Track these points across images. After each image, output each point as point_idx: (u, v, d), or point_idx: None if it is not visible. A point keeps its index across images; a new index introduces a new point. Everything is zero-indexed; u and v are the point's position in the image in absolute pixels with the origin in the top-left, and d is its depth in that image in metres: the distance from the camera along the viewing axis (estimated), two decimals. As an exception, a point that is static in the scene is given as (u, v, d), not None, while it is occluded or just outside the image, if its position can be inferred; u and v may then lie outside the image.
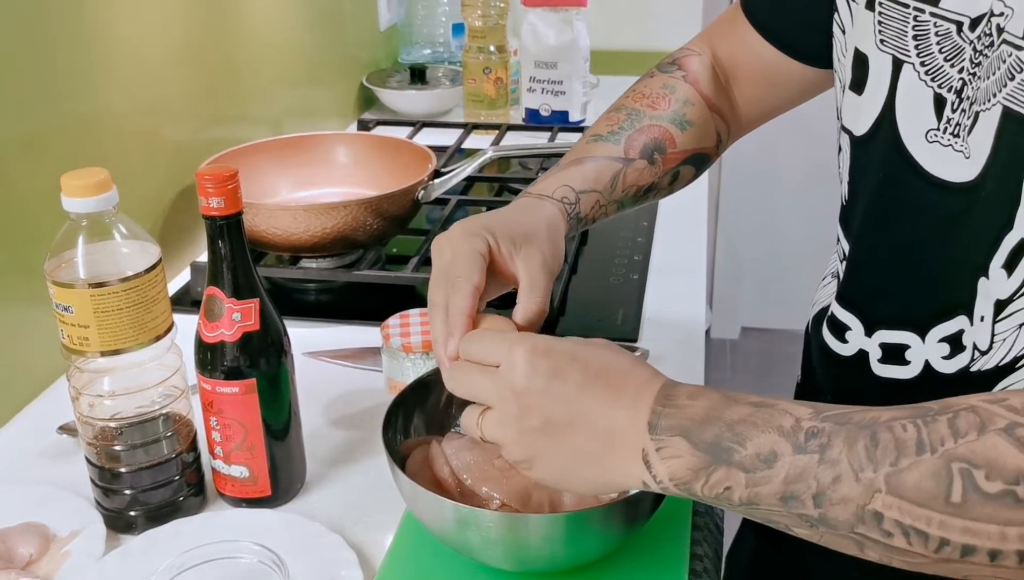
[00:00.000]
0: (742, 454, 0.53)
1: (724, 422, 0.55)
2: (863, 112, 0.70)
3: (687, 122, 0.84)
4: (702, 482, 0.55)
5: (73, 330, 0.72)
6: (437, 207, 1.33)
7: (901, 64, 0.65)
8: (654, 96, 0.85)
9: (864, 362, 0.73)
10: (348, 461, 0.87)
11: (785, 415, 0.53)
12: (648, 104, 0.84)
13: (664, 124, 0.84)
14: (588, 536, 0.67)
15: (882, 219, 0.70)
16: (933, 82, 0.63)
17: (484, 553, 0.69)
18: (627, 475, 0.58)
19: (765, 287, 3.00)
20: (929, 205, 0.65)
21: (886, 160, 0.68)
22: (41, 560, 0.75)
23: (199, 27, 1.27)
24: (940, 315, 0.66)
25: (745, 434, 0.54)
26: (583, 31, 1.70)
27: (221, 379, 0.75)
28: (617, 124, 0.83)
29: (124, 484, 0.77)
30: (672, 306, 1.13)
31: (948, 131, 0.63)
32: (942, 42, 0.63)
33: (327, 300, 1.18)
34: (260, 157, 1.28)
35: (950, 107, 0.63)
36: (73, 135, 1.02)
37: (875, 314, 0.72)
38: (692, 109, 0.85)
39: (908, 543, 0.50)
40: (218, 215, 0.73)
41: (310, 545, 0.75)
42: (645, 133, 0.83)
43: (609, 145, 0.82)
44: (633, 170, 0.82)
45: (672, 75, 0.87)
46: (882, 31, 0.67)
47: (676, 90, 0.85)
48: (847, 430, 0.52)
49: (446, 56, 2.01)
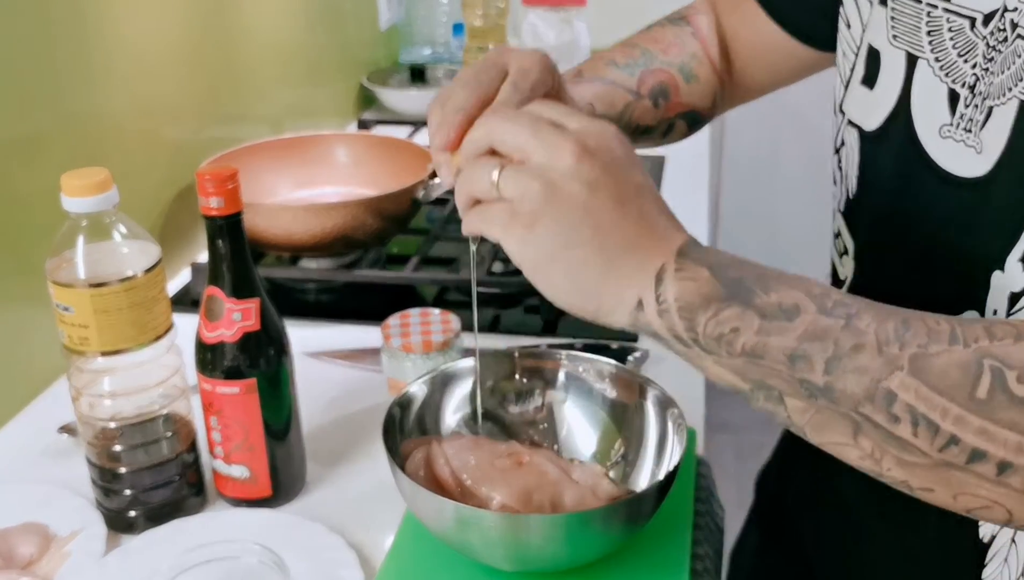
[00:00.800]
0: (763, 299, 0.50)
1: (754, 270, 0.52)
2: (874, 107, 0.70)
3: (692, 75, 0.85)
4: (710, 314, 0.51)
5: (73, 330, 0.72)
6: (437, 207, 1.33)
7: (916, 59, 0.65)
8: (667, 42, 0.86)
9: None
10: (348, 461, 0.87)
11: (815, 284, 0.51)
12: (661, 48, 0.85)
13: (673, 71, 0.85)
14: (589, 536, 0.67)
15: (895, 214, 0.69)
16: (947, 78, 0.63)
17: (485, 553, 0.69)
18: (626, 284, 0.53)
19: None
20: (941, 200, 0.65)
21: (900, 155, 0.67)
22: (41, 560, 0.74)
23: (199, 27, 1.27)
24: (951, 308, 0.66)
25: (771, 285, 0.51)
26: (583, 31, 1.70)
27: (221, 379, 0.75)
28: (632, 59, 0.84)
29: (124, 484, 0.77)
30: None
31: (960, 126, 0.63)
32: (955, 38, 0.63)
33: (327, 300, 1.18)
34: (260, 157, 1.28)
35: (963, 102, 0.62)
36: (73, 135, 1.02)
37: None
38: (698, 64, 0.86)
39: (914, 433, 0.47)
40: (218, 215, 0.73)
41: (310, 545, 0.75)
42: (655, 75, 0.84)
43: (624, 74, 0.83)
44: (640, 106, 0.82)
45: (682, 28, 0.88)
46: (895, 26, 0.67)
47: (686, 43, 0.87)
48: (878, 308, 0.49)
49: (446, 56, 2.01)
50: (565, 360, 0.81)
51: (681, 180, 1.50)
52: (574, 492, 0.71)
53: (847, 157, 0.74)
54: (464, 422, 0.80)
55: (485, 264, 1.15)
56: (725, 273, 0.51)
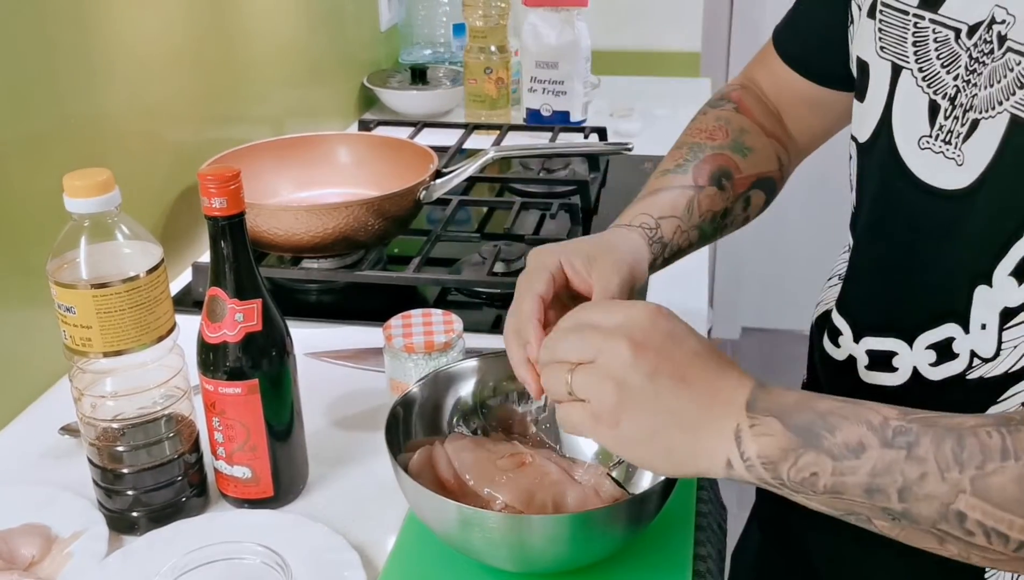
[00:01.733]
0: (831, 441, 0.54)
1: (815, 411, 0.55)
2: (864, 119, 0.70)
3: (747, 149, 0.85)
4: (790, 463, 0.55)
5: (75, 331, 0.72)
6: (438, 207, 1.33)
7: (900, 70, 0.66)
8: (711, 129, 0.86)
9: (853, 368, 0.73)
10: (350, 462, 0.87)
11: (872, 412, 0.55)
12: (707, 137, 0.86)
13: (726, 152, 0.84)
14: (592, 537, 0.67)
15: (878, 226, 0.71)
16: (929, 88, 0.64)
17: (487, 554, 0.69)
18: (713, 450, 0.57)
19: (766, 288, 3.00)
20: (920, 212, 0.65)
21: (883, 167, 0.68)
22: (43, 561, 0.74)
23: (200, 28, 1.27)
24: (928, 322, 0.67)
25: (835, 423, 0.54)
26: (584, 31, 1.70)
27: (224, 380, 0.75)
28: (681, 158, 0.84)
29: (126, 485, 0.77)
30: (674, 306, 1.13)
31: (940, 138, 0.63)
32: (940, 48, 0.63)
33: (329, 300, 1.17)
34: (261, 157, 1.28)
35: (943, 114, 0.63)
36: (74, 136, 1.02)
37: (864, 320, 0.73)
38: (749, 136, 0.86)
39: (988, 542, 0.52)
40: (221, 215, 0.73)
41: (313, 546, 0.75)
42: (710, 162, 0.83)
43: (678, 176, 0.83)
44: (705, 196, 0.82)
45: (724, 108, 0.88)
46: (882, 38, 0.67)
47: (731, 122, 0.87)
48: (934, 431, 0.53)
49: (447, 56, 2.01)
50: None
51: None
52: (577, 492, 0.71)
53: (851, 169, 0.75)
54: (466, 422, 0.80)
55: (487, 265, 1.15)
56: (794, 421, 0.55)
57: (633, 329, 0.59)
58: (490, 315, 1.11)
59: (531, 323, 0.69)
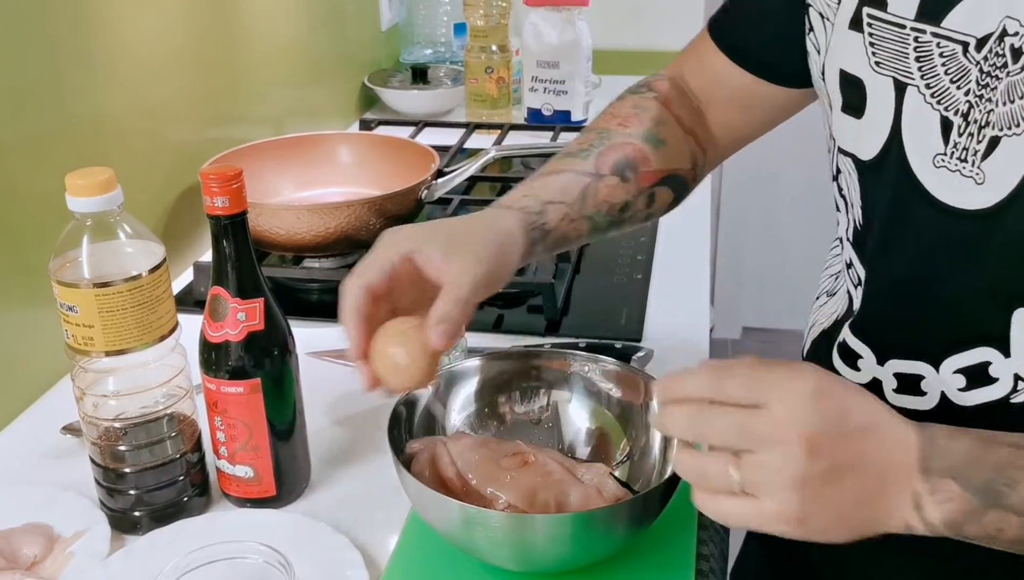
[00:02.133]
0: (1013, 498, 0.54)
1: (990, 466, 0.55)
2: (867, 136, 0.67)
3: (660, 140, 0.81)
4: (973, 524, 0.55)
5: (77, 330, 0.72)
6: (440, 207, 1.33)
7: (905, 86, 0.63)
8: (625, 115, 0.82)
9: (877, 391, 0.70)
10: (353, 461, 0.87)
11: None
12: (619, 123, 0.82)
13: (636, 141, 0.80)
14: (594, 536, 0.67)
15: (893, 246, 0.68)
16: (940, 105, 0.61)
17: (490, 553, 0.69)
18: (891, 517, 0.56)
19: (766, 287, 3.00)
20: (939, 232, 0.63)
21: (896, 185, 0.65)
22: (45, 561, 0.74)
23: (201, 28, 1.27)
24: (955, 345, 0.65)
25: (1014, 477, 0.54)
26: (585, 30, 1.70)
27: (226, 379, 0.75)
28: (588, 143, 0.81)
29: (128, 484, 0.77)
30: (675, 306, 1.13)
31: (955, 156, 0.61)
32: (947, 63, 0.61)
33: (330, 300, 1.16)
34: (262, 157, 1.28)
35: (956, 131, 0.61)
36: (75, 136, 1.02)
37: (887, 343, 0.70)
38: (665, 128, 0.82)
39: None
40: (223, 214, 0.73)
41: (315, 545, 0.75)
42: (617, 150, 0.79)
43: (578, 161, 0.79)
44: (604, 186, 0.78)
45: (643, 96, 0.84)
46: (876, 52, 0.65)
47: (648, 109, 0.82)
48: None
49: (447, 56, 2.01)
50: (570, 360, 0.81)
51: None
52: (579, 492, 0.71)
53: (847, 186, 0.72)
54: (469, 422, 0.80)
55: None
56: (972, 481, 0.55)
57: (799, 422, 0.53)
58: (491, 315, 1.11)
59: (351, 318, 0.67)
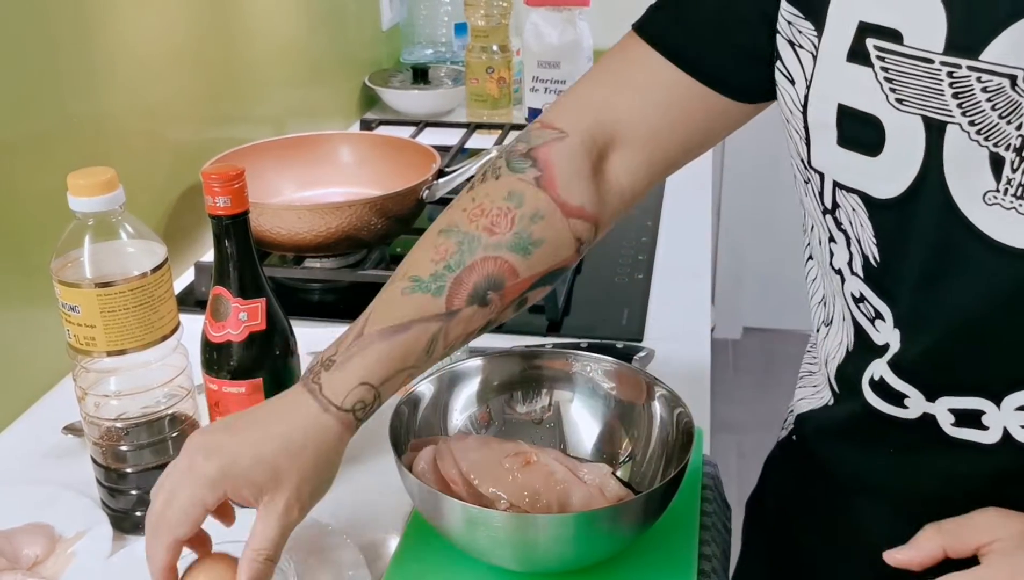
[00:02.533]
0: None
1: None
2: (886, 175, 0.63)
3: (533, 244, 0.70)
4: None
5: (79, 330, 0.72)
6: (441, 207, 1.32)
7: (943, 125, 0.59)
8: (494, 213, 0.70)
9: (932, 425, 0.68)
10: (354, 461, 0.87)
11: None
12: (486, 226, 0.69)
13: (503, 254, 0.69)
14: (597, 536, 0.67)
15: (940, 285, 0.64)
16: (987, 141, 0.58)
17: (492, 553, 0.69)
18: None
19: (767, 287, 3.00)
20: (993, 270, 0.61)
21: (938, 225, 0.62)
22: (47, 561, 0.74)
23: (202, 28, 1.27)
24: (1015, 384, 0.64)
25: None
26: (586, 30, 1.70)
27: (227, 379, 0.75)
28: (443, 261, 0.69)
29: (130, 484, 0.77)
30: (676, 306, 1.13)
31: (1010, 193, 0.58)
32: (994, 98, 0.57)
33: (331, 300, 1.17)
34: (263, 157, 1.27)
35: (1010, 166, 0.58)
36: (76, 136, 1.02)
37: (936, 382, 0.67)
38: (540, 225, 0.70)
39: None
40: (224, 214, 0.72)
41: (317, 545, 0.75)
42: (476, 271, 0.68)
43: (426, 298, 0.68)
44: (457, 323, 0.68)
45: (523, 177, 0.71)
46: (895, 89, 0.60)
47: (523, 202, 0.70)
48: None
49: (448, 56, 2.01)
50: (572, 360, 0.81)
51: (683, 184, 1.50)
52: (582, 492, 0.71)
53: (850, 220, 0.68)
54: (471, 422, 0.80)
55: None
56: None
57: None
58: (493, 314, 1.11)
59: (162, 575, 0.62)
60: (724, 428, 2.35)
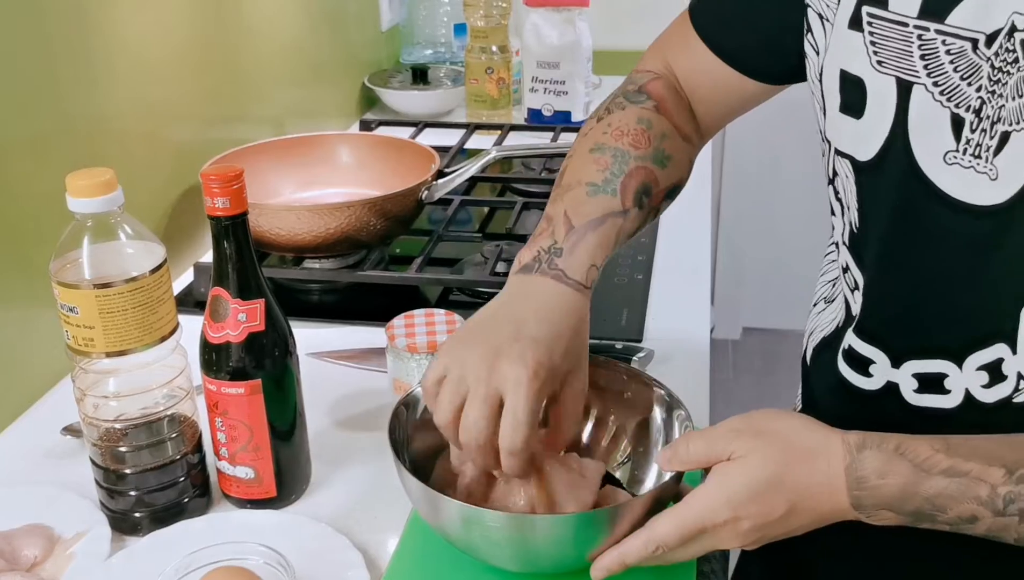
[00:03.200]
0: (944, 517, 0.60)
1: (923, 497, 0.59)
2: (867, 136, 0.67)
3: (667, 158, 0.80)
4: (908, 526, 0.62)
5: (78, 331, 0.72)
6: (440, 207, 1.33)
7: (910, 85, 0.63)
8: (634, 133, 0.79)
9: (895, 393, 0.71)
10: (353, 462, 0.87)
11: (980, 484, 0.58)
12: (631, 143, 0.79)
13: (648, 164, 0.78)
14: (595, 537, 0.66)
15: (902, 247, 0.67)
16: (949, 102, 0.61)
17: (490, 553, 0.69)
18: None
19: (766, 287, 3.00)
20: (953, 230, 0.63)
21: (902, 185, 0.65)
22: (46, 562, 0.74)
23: (201, 28, 1.27)
24: (976, 343, 0.65)
25: (945, 505, 0.59)
26: (585, 31, 1.70)
27: (226, 380, 0.75)
28: (607, 168, 0.78)
29: (129, 485, 0.77)
30: (676, 306, 1.13)
31: (968, 152, 0.61)
32: (956, 60, 0.60)
33: (331, 301, 1.17)
34: (263, 157, 1.27)
35: (969, 127, 0.61)
36: (75, 136, 1.02)
37: (901, 345, 0.70)
38: (669, 142, 0.81)
39: None
40: (223, 215, 0.72)
41: (316, 546, 0.75)
42: (635, 177, 0.77)
43: (608, 198, 0.76)
44: (629, 220, 0.77)
45: (644, 106, 0.82)
46: (877, 52, 0.64)
47: (653, 125, 0.80)
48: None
49: (447, 56, 2.01)
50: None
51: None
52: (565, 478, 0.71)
53: (844, 188, 0.72)
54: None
55: (489, 265, 1.15)
56: (903, 509, 0.60)
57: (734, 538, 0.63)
58: (492, 315, 1.11)
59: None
60: (724, 428, 2.35)
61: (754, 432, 0.63)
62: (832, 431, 0.62)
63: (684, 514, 0.63)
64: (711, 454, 0.64)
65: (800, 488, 0.61)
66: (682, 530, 0.63)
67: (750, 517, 0.61)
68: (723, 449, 0.63)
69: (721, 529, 0.62)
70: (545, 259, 0.73)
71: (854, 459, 0.60)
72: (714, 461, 0.64)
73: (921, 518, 0.60)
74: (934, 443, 0.60)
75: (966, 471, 0.58)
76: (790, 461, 0.62)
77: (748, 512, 0.61)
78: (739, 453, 0.62)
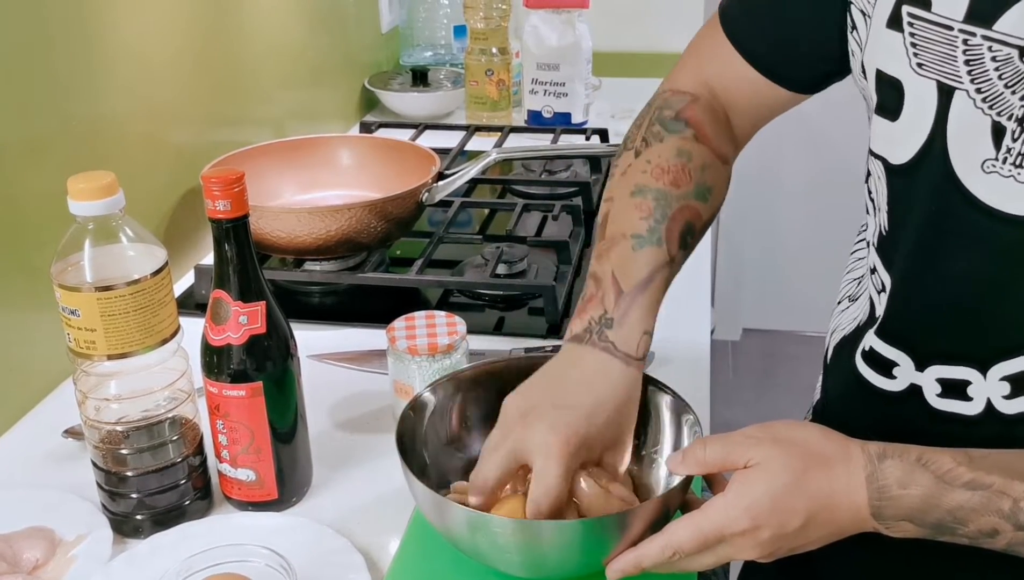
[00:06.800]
0: (965, 530, 0.60)
1: (944, 509, 0.60)
2: (901, 140, 0.66)
3: (708, 190, 0.78)
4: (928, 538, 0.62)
5: (80, 334, 0.72)
6: (440, 209, 1.33)
7: (952, 91, 0.62)
8: (674, 170, 0.77)
9: (918, 396, 0.70)
10: (354, 464, 0.87)
11: (1002, 497, 0.58)
12: (671, 181, 0.76)
13: (691, 201, 0.77)
14: (601, 542, 0.66)
15: (933, 253, 0.66)
16: (991, 110, 0.60)
17: (498, 559, 0.68)
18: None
19: (766, 289, 3.00)
20: (986, 239, 0.63)
21: (936, 191, 0.64)
22: (47, 565, 0.74)
23: (202, 30, 1.27)
24: (1002, 353, 0.64)
25: (967, 518, 0.59)
26: (585, 33, 1.70)
27: (227, 382, 0.75)
28: (650, 215, 0.75)
29: (130, 488, 0.77)
30: (676, 308, 1.12)
31: (1008, 161, 0.60)
32: (1002, 68, 0.59)
33: (331, 303, 1.17)
34: (263, 160, 1.27)
35: (1010, 136, 0.60)
36: (76, 139, 1.02)
37: (927, 349, 0.69)
38: (710, 173, 0.79)
39: None
40: (224, 218, 0.72)
41: (317, 548, 0.75)
42: (678, 221, 0.75)
43: (654, 250, 0.74)
44: (676, 266, 0.77)
45: (683, 136, 0.79)
46: (918, 54, 0.63)
47: (692, 157, 0.78)
48: None
49: (447, 58, 2.01)
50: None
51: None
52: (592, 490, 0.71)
53: (876, 189, 0.71)
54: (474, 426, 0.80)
55: (489, 267, 1.15)
56: (924, 521, 0.60)
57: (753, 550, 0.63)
58: (493, 317, 1.11)
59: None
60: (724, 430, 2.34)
61: (773, 440, 0.63)
62: (851, 440, 0.62)
63: (703, 521, 0.63)
64: (728, 459, 0.64)
65: (821, 496, 0.61)
66: (701, 537, 0.62)
67: (770, 527, 0.61)
68: (741, 455, 0.63)
69: (739, 538, 0.62)
70: (596, 330, 0.73)
71: (876, 468, 0.60)
72: (730, 467, 0.64)
73: (942, 530, 0.60)
74: (956, 455, 0.59)
75: (988, 484, 0.58)
76: (809, 468, 0.61)
77: (768, 521, 0.61)
78: (757, 460, 0.62)
